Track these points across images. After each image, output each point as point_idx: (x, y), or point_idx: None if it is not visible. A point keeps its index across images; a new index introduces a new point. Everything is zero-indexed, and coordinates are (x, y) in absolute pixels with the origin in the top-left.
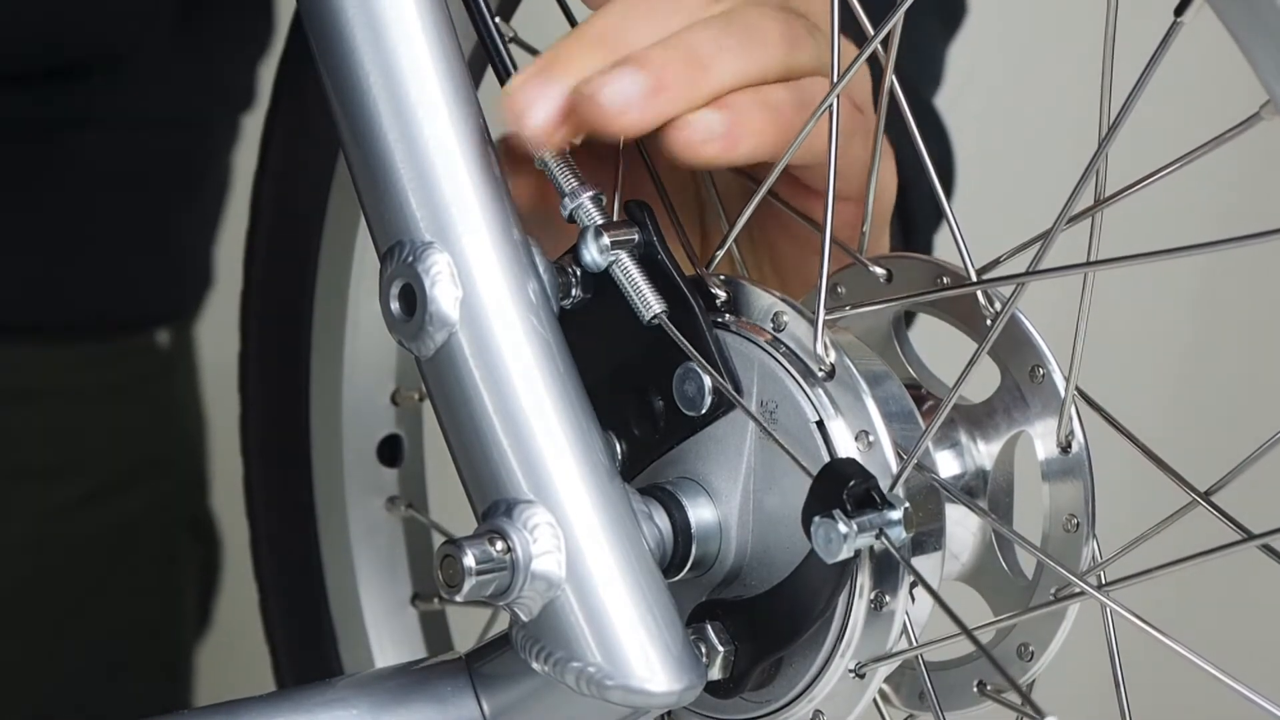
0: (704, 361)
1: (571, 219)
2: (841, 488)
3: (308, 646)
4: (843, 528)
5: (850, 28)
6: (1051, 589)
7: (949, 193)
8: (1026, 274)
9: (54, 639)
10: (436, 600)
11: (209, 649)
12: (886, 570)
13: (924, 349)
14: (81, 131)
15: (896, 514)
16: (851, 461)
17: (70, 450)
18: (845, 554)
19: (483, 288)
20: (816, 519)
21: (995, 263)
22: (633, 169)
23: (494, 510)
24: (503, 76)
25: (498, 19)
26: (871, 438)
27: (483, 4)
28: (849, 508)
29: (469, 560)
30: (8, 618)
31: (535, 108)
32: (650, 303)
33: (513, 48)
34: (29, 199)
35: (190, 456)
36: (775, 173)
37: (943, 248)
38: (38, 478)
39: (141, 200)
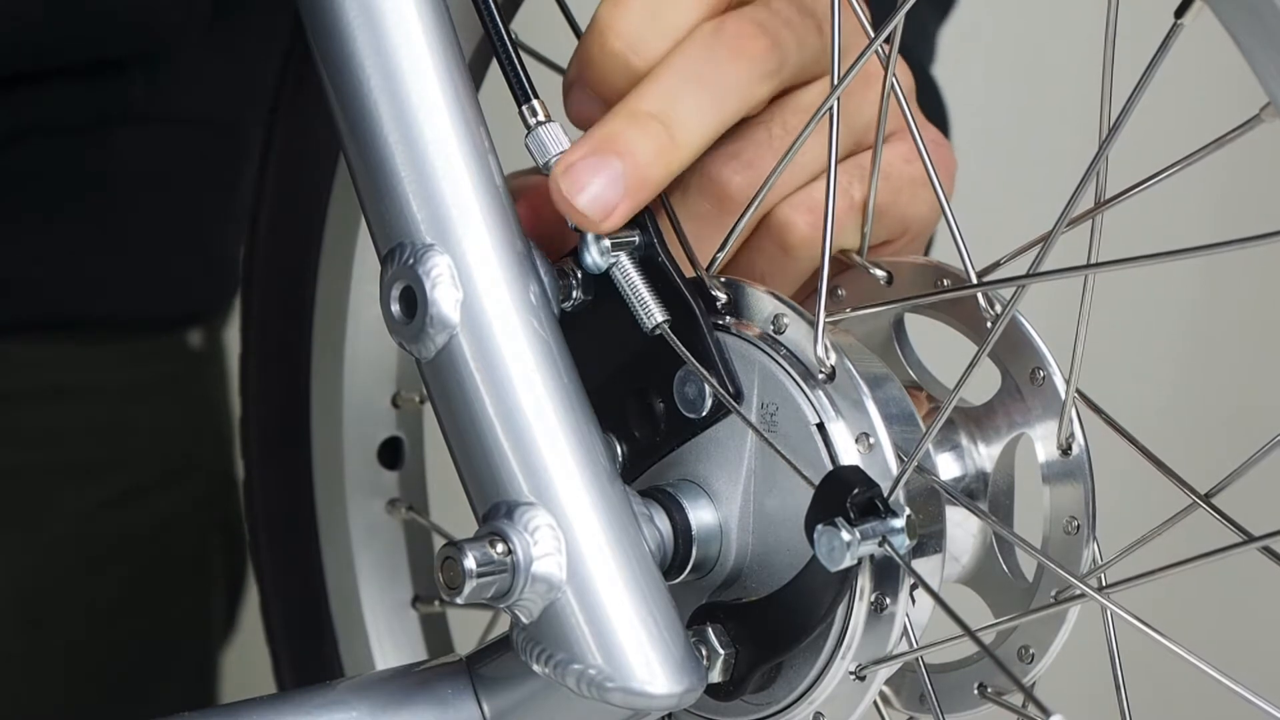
0: (704, 371)
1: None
2: (845, 496)
3: (308, 649)
4: (846, 536)
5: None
6: (1052, 591)
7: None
8: (1027, 276)
9: (90, 638)
10: (437, 603)
11: (237, 651)
12: (887, 573)
13: (924, 351)
14: (120, 130)
15: (900, 522)
16: (855, 469)
17: (107, 449)
18: (848, 562)
19: (483, 290)
20: (820, 527)
21: (996, 265)
22: None
23: (495, 512)
24: (512, 82)
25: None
26: (872, 440)
27: (493, 8)
28: (852, 516)
29: (469, 562)
30: (45, 615)
31: (592, 193)
32: (652, 311)
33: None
34: (67, 196)
35: (221, 458)
36: (773, 176)
37: (943, 249)
38: (75, 476)
39: (178, 200)
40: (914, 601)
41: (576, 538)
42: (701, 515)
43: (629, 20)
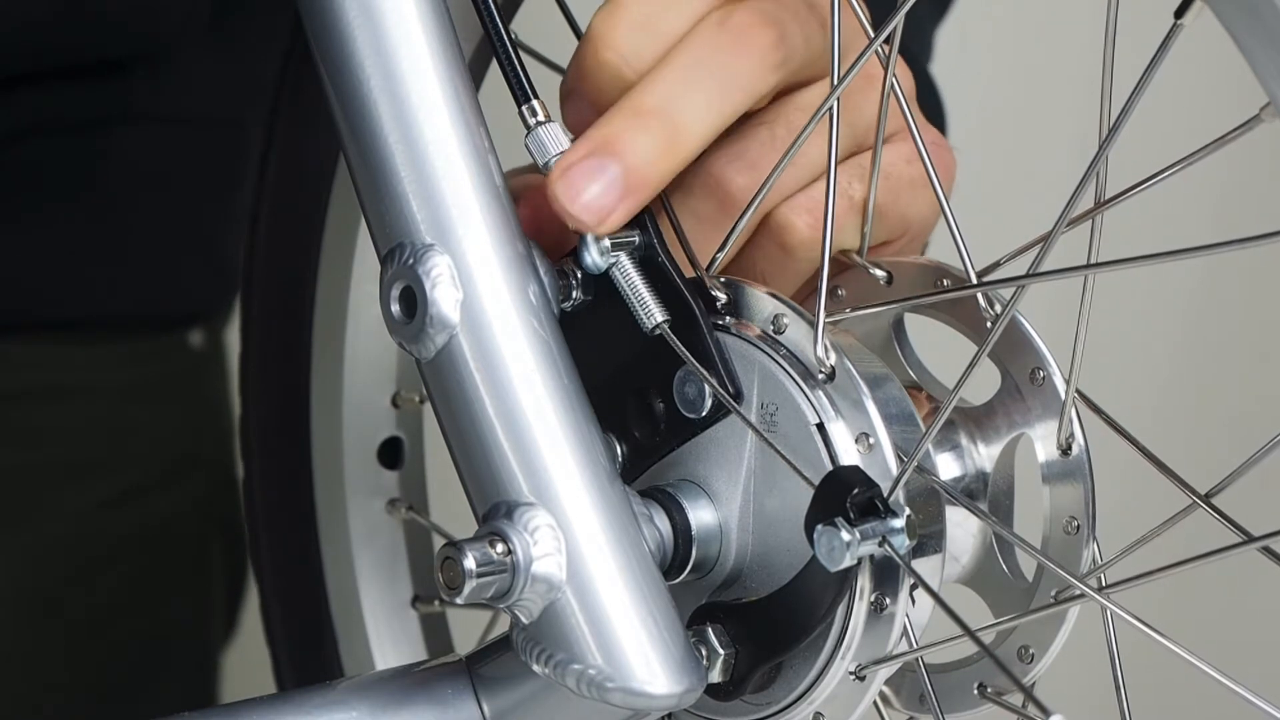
0: (704, 371)
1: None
2: (845, 496)
3: (308, 649)
4: (846, 536)
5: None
6: (1052, 591)
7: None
8: (1027, 276)
9: (90, 638)
10: (437, 602)
11: (237, 651)
12: (887, 573)
13: (924, 351)
14: (121, 129)
15: (899, 522)
16: (855, 469)
17: (107, 449)
18: (848, 562)
19: (483, 290)
20: (819, 527)
21: (995, 265)
22: None
23: (494, 512)
24: (512, 83)
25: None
26: (872, 440)
27: (493, 8)
28: (852, 516)
29: (469, 562)
30: (45, 616)
31: (588, 196)
32: (652, 311)
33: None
34: (69, 196)
35: (222, 458)
36: (774, 175)
37: (943, 250)
38: (76, 476)
39: (179, 199)
40: (914, 601)
41: (576, 538)
42: (701, 515)
43: (622, 31)
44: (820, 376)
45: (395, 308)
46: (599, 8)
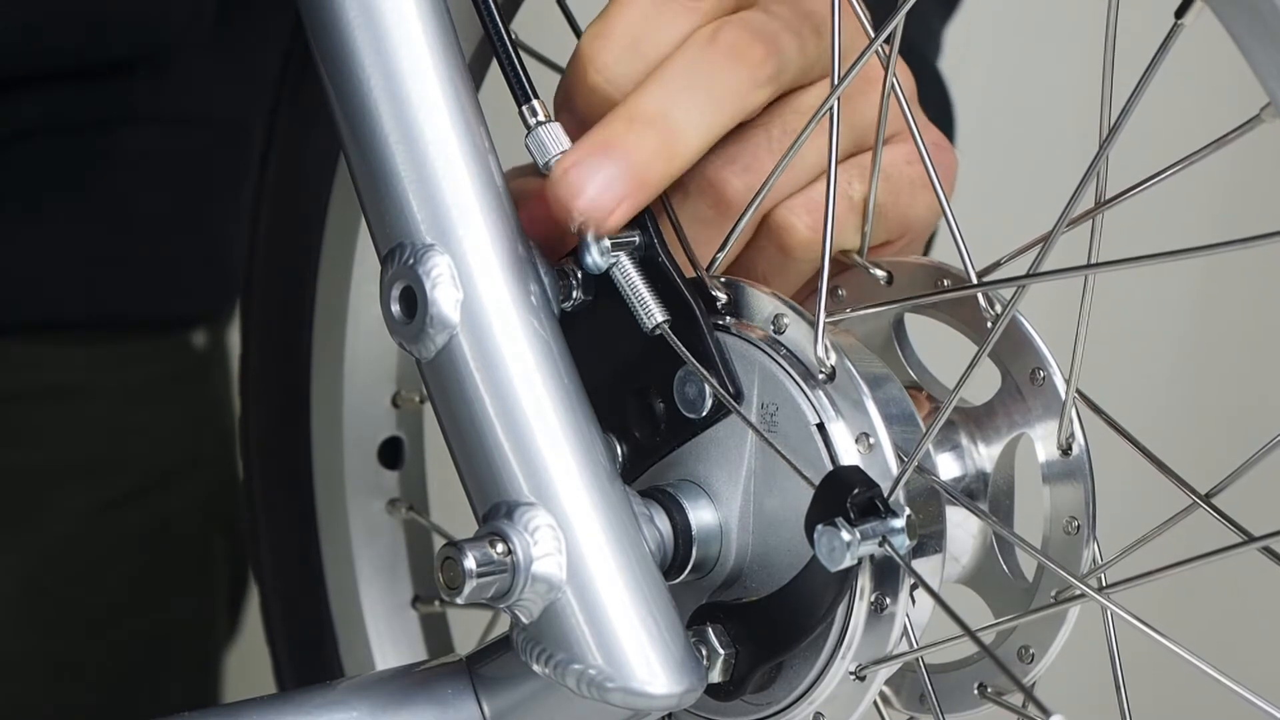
0: (704, 371)
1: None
2: (845, 496)
3: (308, 649)
4: (846, 536)
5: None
6: (1052, 591)
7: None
8: (1027, 276)
9: (90, 638)
10: (437, 603)
11: (237, 651)
12: (887, 573)
13: (924, 351)
14: (124, 129)
15: (900, 522)
16: (855, 469)
17: (111, 449)
18: (848, 562)
19: (483, 290)
20: (820, 527)
21: (996, 265)
22: None
23: (495, 512)
24: (512, 83)
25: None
26: (872, 440)
27: (493, 8)
28: (852, 516)
29: (469, 562)
30: (47, 616)
31: (591, 195)
32: (652, 311)
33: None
34: (72, 196)
35: (223, 458)
36: (773, 176)
37: (943, 250)
38: (78, 476)
39: (182, 200)
40: (914, 601)
41: (576, 538)
42: (701, 515)
43: (609, 53)
44: (820, 376)
45: (395, 308)
46: (588, 27)
